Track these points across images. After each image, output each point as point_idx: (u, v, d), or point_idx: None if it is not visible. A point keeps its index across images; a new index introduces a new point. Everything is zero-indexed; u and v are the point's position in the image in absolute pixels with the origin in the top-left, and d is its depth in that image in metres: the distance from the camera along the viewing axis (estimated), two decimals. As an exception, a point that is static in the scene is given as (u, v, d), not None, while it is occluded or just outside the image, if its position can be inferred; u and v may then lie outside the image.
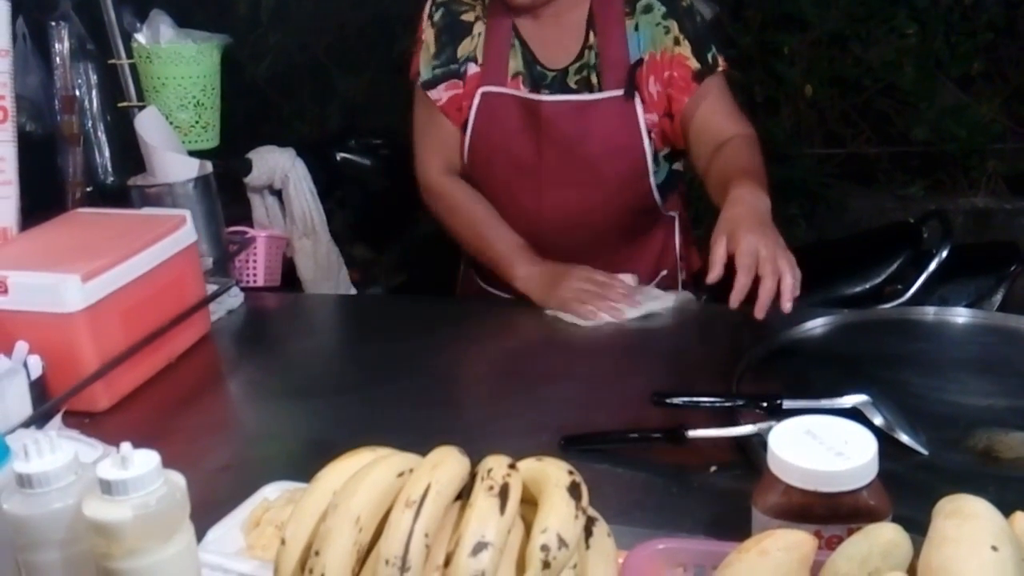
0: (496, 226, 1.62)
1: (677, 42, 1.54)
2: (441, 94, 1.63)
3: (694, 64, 1.54)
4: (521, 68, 1.60)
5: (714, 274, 1.23)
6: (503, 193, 1.65)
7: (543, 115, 1.58)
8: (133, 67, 1.71)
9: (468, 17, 1.62)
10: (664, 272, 1.72)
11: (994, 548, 0.61)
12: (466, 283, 1.85)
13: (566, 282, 1.50)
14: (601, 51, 1.56)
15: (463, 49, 1.62)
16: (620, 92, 1.55)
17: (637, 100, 1.55)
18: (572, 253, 1.61)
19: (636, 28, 1.55)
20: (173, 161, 1.59)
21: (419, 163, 1.70)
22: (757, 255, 1.21)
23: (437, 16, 1.63)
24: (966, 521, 0.63)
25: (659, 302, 1.47)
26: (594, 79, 1.57)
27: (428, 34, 1.64)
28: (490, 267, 1.64)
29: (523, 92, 1.58)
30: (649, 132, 1.57)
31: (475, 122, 1.62)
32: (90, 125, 1.81)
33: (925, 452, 1.02)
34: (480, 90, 1.60)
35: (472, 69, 1.62)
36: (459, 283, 1.89)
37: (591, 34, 1.57)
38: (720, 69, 1.57)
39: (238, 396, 1.39)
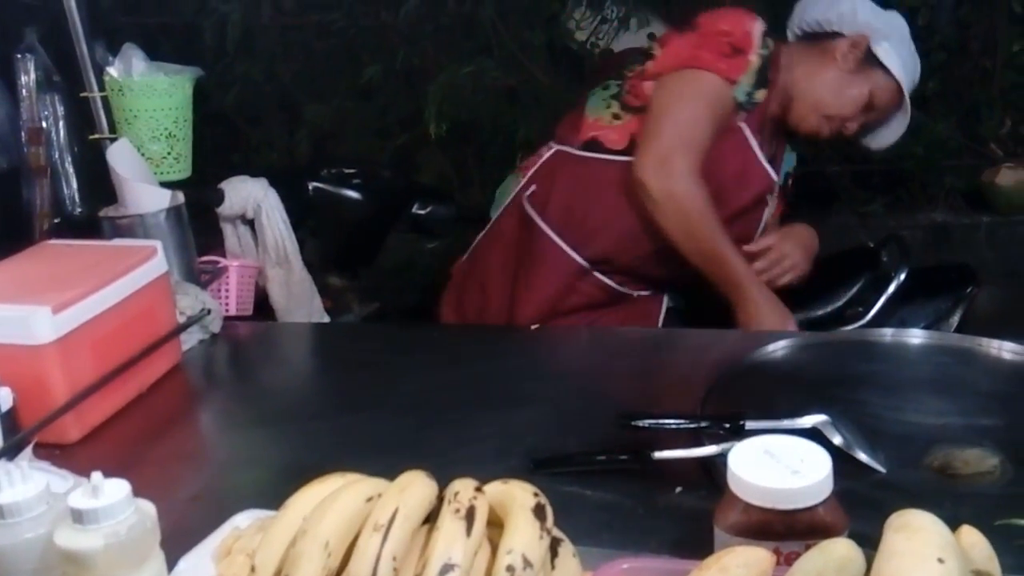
0: (731, 243, 1.70)
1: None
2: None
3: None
4: None
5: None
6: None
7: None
8: (104, 99, 1.72)
9: None
10: None
11: (940, 560, 0.63)
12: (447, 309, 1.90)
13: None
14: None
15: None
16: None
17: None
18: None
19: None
20: (145, 192, 1.59)
21: (671, 150, 1.66)
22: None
23: (765, 49, 1.72)
24: (914, 535, 0.66)
25: None
26: None
27: (755, 59, 1.71)
28: (713, 279, 1.69)
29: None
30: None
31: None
32: (57, 157, 1.81)
33: (883, 470, 1.04)
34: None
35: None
36: (443, 307, 1.93)
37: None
38: None
39: (209, 425, 1.39)
